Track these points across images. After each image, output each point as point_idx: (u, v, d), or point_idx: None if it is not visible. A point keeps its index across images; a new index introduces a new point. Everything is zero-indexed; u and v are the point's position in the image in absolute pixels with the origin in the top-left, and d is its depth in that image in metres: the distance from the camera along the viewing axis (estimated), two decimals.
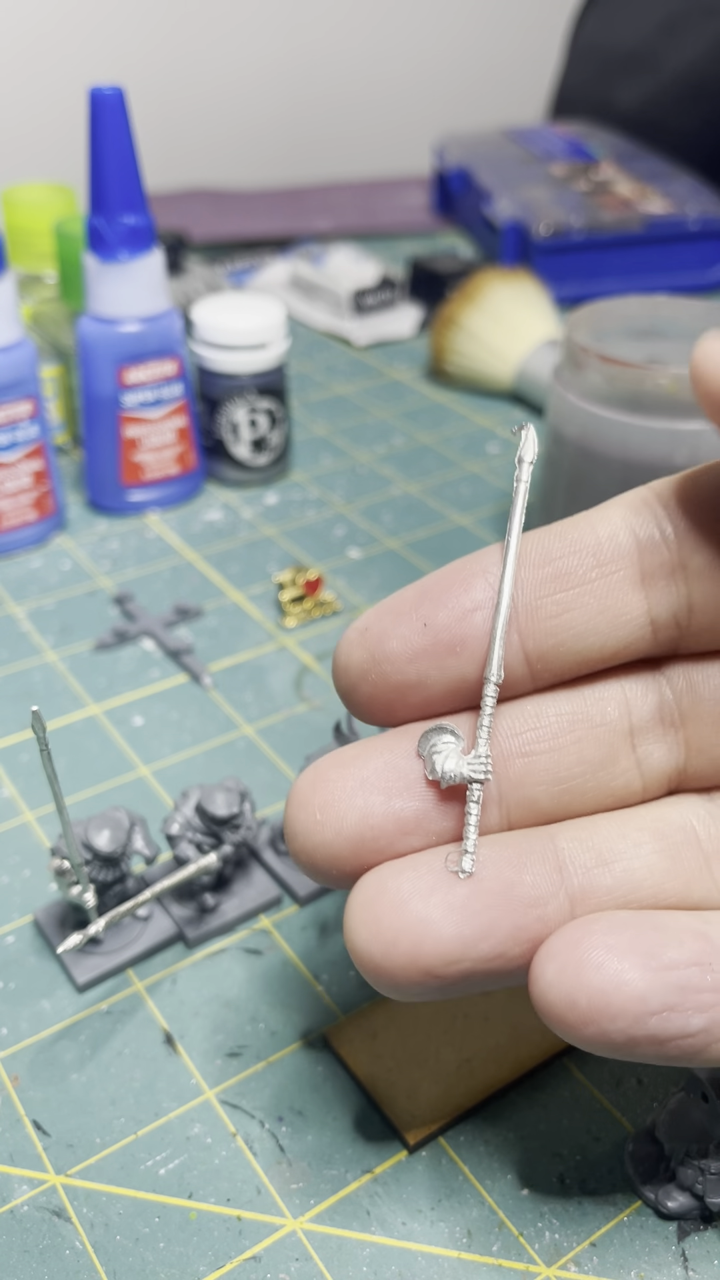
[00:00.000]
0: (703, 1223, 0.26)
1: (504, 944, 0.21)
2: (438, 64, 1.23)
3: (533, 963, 0.20)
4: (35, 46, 1.03)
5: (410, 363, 0.71)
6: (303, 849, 0.22)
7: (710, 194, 0.81)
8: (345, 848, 0.22)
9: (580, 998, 0.19)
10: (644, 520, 0.22)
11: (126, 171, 0.48)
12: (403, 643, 0.22)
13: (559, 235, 0.75)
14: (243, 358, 0.54)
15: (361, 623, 0.23)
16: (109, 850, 0.31)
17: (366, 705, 0.23)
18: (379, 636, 0.22)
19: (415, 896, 0.21)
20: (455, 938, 0.20)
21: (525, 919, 0.21)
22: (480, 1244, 0.26)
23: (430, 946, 0.20)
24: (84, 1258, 0.26)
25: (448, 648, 0.22)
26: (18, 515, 0.51)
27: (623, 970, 0.20)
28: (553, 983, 0.20)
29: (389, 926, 0.20)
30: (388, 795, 0.22)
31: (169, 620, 0.47)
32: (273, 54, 1.14)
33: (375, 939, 0.21)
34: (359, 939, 0.21)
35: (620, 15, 1.03)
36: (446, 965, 0.20)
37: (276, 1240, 0.26)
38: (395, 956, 0.20)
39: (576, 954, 0.20)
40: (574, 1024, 0.20)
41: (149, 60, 1.08)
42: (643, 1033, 0.20)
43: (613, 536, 0.22)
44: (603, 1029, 0.20)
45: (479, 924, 0.21)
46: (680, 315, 0.47)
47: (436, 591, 0.22)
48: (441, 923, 0.20)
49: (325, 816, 0.22)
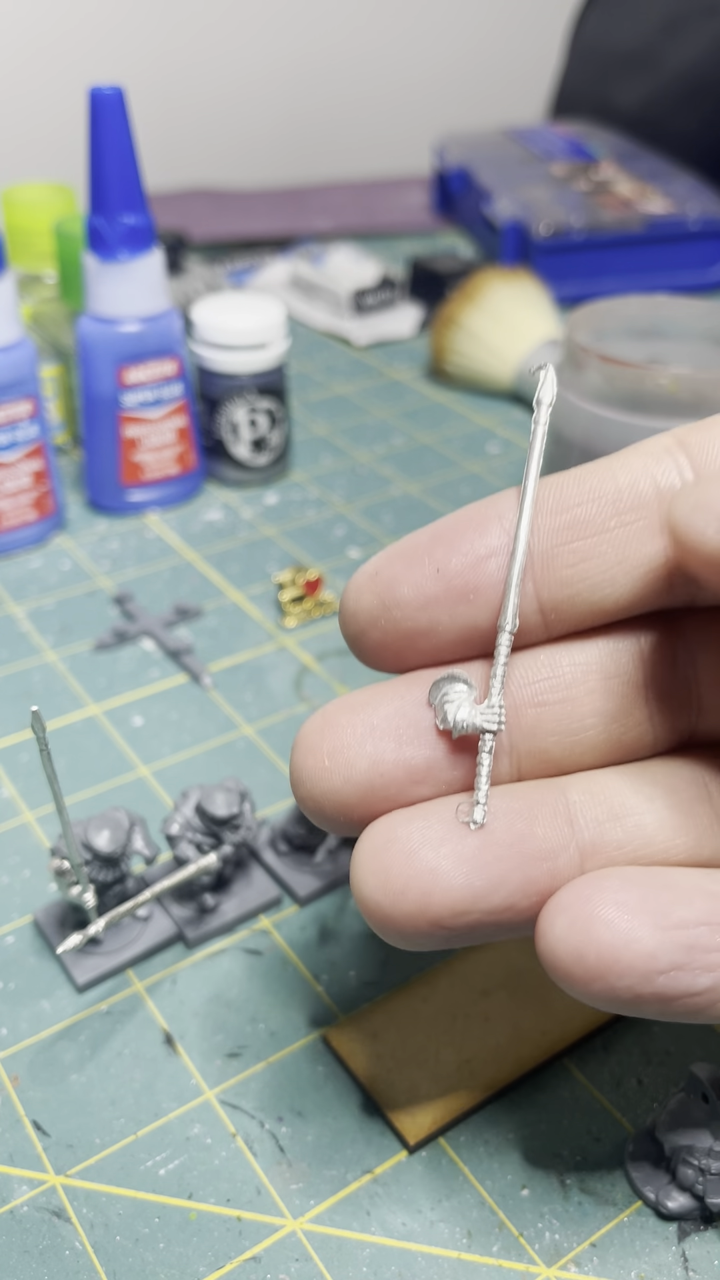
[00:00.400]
0: (703, 1223, 0.26)
1: (513, 896, 0.20)
2: (438, 64, 1.23)
3: (541, 915, 0.20)
4: (35, 46, 1.03)
5: (410, 363, 0.71)
6: (309, 795, 0.22)
7: (710, 194, 0.81)
8: (354, 795, 0.21)
9: (589, 953, 0.19)
10: (665, 468, 0.22)
11: (126, 171, 0.48)
12: (414, 589, 0.21)
13: (559, 235, 0.75)
14: (243, 358, 0.54)
15: (371, 566, 0.22)
16: (109, 850, 0.31)
17: (375, 651, 0.22)
18: (389, 581, 0.22)
19: (425, 846, 0.20)
20: (465, 889, 0.20)
21: (536, 872, 0.21)
22: (480, 1244, 0.26)
23: (439, 897, 0.20)
24: (84, 1258, 0.26)
25: (460, 594, 0.21)
26: (17, 515, 0.51)
27: (633, 928, 0.19)
28: (562, 937, 0.20)
29: (398, 876, 0.20)
30: (398, 742, 0.21)
31: (169, 620, 0.47)
32: (273, 54, 1.14)
33: (383, 888, 0.20)
34: (367, 888, 0.20)
35: (620, 15, 1.03)
36: (455, 916, 0.20)
37: (276, 1241, 0.26)
38: (403, 906, 0.20)
39: (587, 909, 0.20)
40: (580, 979, 0.19)
41: (149, 60, 1.08)
42: (649, 990, 0.19)
43: (633, 484, 0.21)
44: (610, 985, 0.19)
45: (489, 876, 0.20)
46: (681, 315, 0.47)
47: (450, 536, 0.22)
48: (451, 873, 0.20)
49: (334, 763, 0.21)
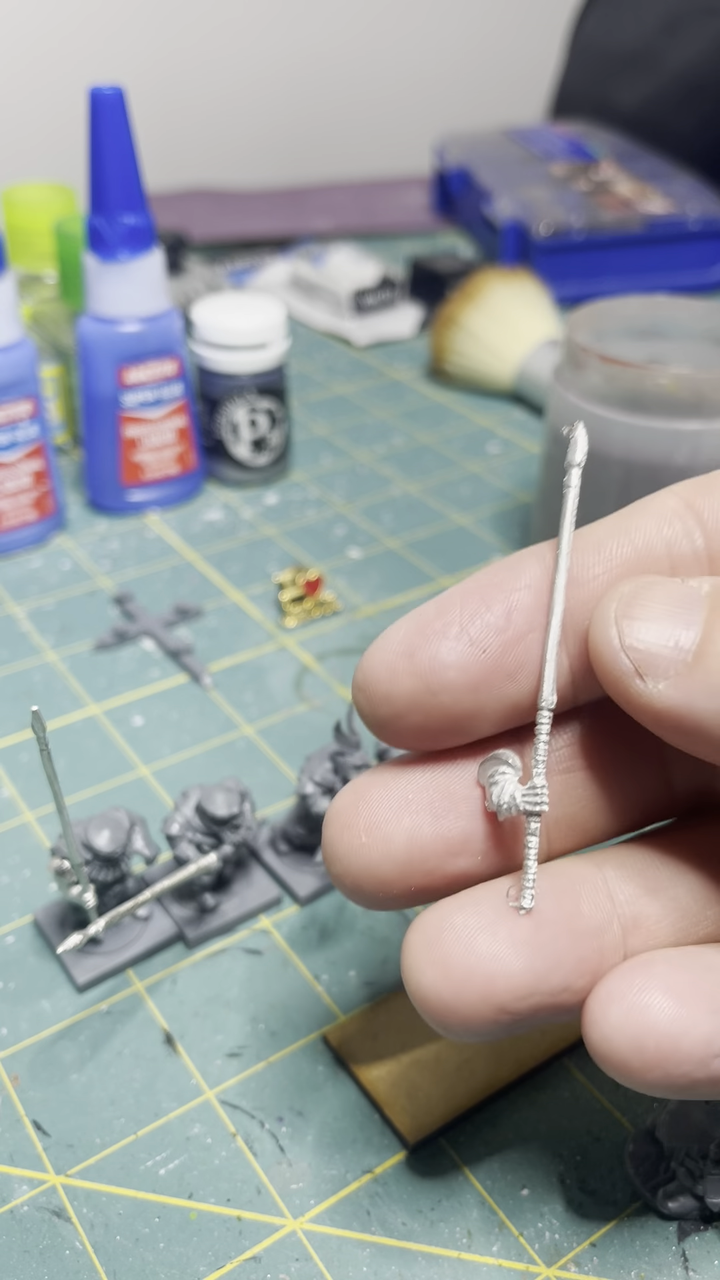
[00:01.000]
0: (703, 1223, 0.26)
1: (570, 975, 0.20)
2: (438, 64, 1.23)
3: (590, 1006, 0.20)
4: (35, 46, 1.03)
5: (410, 363, 0.71)
6: (347, 872, 0.21)
7: (710, 194, 0.81)
8: (393, 870, 0.21)
9: (648, 1043, 0.19)
10: (675, 531, 0.21)
11: (126, 171, 0.48)
12: (462, 671, 0.20)
13: (559, 235, 0.75)
14: (243, 358, 0.54)
15: (401, 644, 0.21)
16: (109, 850, 0.31)
17: (413, 736, 0.21)
18: (433, 663, 0.20)
19: (481, 932, 0.20)
20: (527, 971, 0.20)
21: (586, 949, 0.21)
22: (480, 1244, 0.26)
23: (503, 983, 0.20)
24: (84, 1258, 0.26)
25: (509, 673, 0.21)
26: (17, 515, 0.51)
27: (689, 1014, 0.19)
28: (618, 1026, 0.19)
29: (459, 965, 0.20)
30: (435, 815, 0.21)
31: (169, 620, 0.47)
32: (273, 54, 1.14)
33: (444, 978, 0.20)
34: (426, 980, 0.20)
35: (620, 15, 1.03)
36: (518, 1000, 0.20)
37: (277, 1240, 0.26)
38: (467, 995, 0.20)
39: (642, 998, 0.20)
40: (638, 1069, 0.19)
41: (149, 60, 1.08)
42: (704, 1075, 0.20)
43: (648, 549, 0.21)
44: (667, 1073, 0.19)
45: (547, 956, 0.20)
46: (680, 315, 0.47)
47: (481, 608, 0.21)
48: (512, 957, 0.20)
49: (371, 839, 0.21)
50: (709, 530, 0.21)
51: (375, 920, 0.34)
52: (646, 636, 0.20)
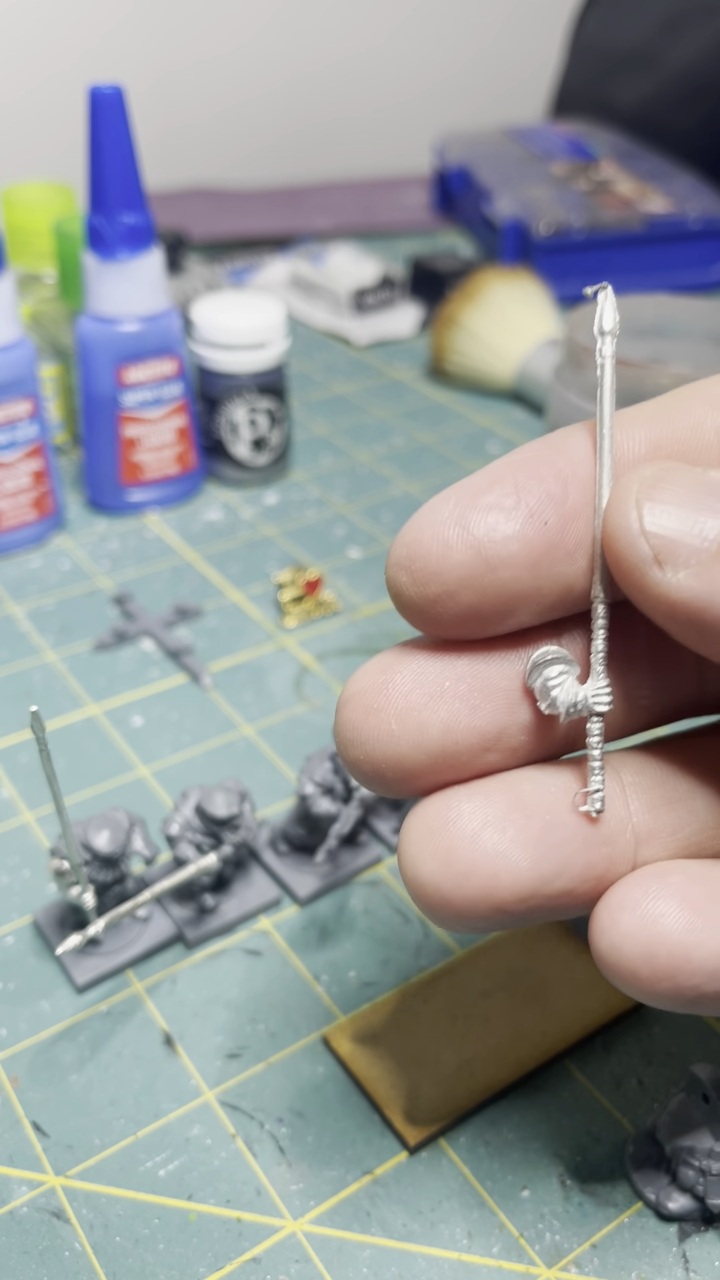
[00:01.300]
0: (703, 1224, 0.26)
1: (575, 881, 0.20)
2: (438, 63, 1.23)
3: (600, 913, 0.19)
4: (35, 46, 1.02)
5: (410, 362, 0.71)
6: (368, 758, 0.20)
7: (711, 193, 0.81)
8: (423, 762, 0.20)
9: (660, 952, 0.19)
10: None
11: (126, 170, 0.47)
12: (524, 544, 0.19)
13: (559, 234, 0.75)
14: (242, 357, 0.54)
15: (452, 514, 0.19)
16: (108, 851, 0.31)
17: (461, 620, 0.19)
18: (492, 534, 0.18)
19: (488, 827, 0.19)
20: (532, 873, 0.19)
21: (596, 855, 0.20)
22: (480, 1245, 0.26)
23: (507, 881, 0.19)
24: (83, 1259, 0.26)
25: (567, 553, 0.19)
26: (17, 515, 0.51)
27: (704, 925, 0.19)
28: (630, 934, 0.19)
29: (462, 858, 0.19)
30: (471, 706, 0.20)
31: (169, 620, 0.47)
32: (273, 53, 1.14)
33: (444, 871, 0.19)
34: (425, 869, 0.19)
35: (621, 14, 1.03)
36: (519, 902, 0.19)
37: (276, 1242, 0.26)
38: (467, 891, 0.19)
39: (656, 906, 0.19)
40: (647, 978, 0.19)
41: (149, 59, 1.08)
42: (715, 989, 0.19)
43: (697, 433, 0.20)
44: (678, 985, 0.19)
45: (555, 859, 0.19)
46: (681, 314, 0.47)
47: (537, 480, 0.19)
48: (518, 857, 0.19)
49: (403, 727, 0.19)
50: None
51: (375, 921, 0.34)
52: (668, 522, 0.18)
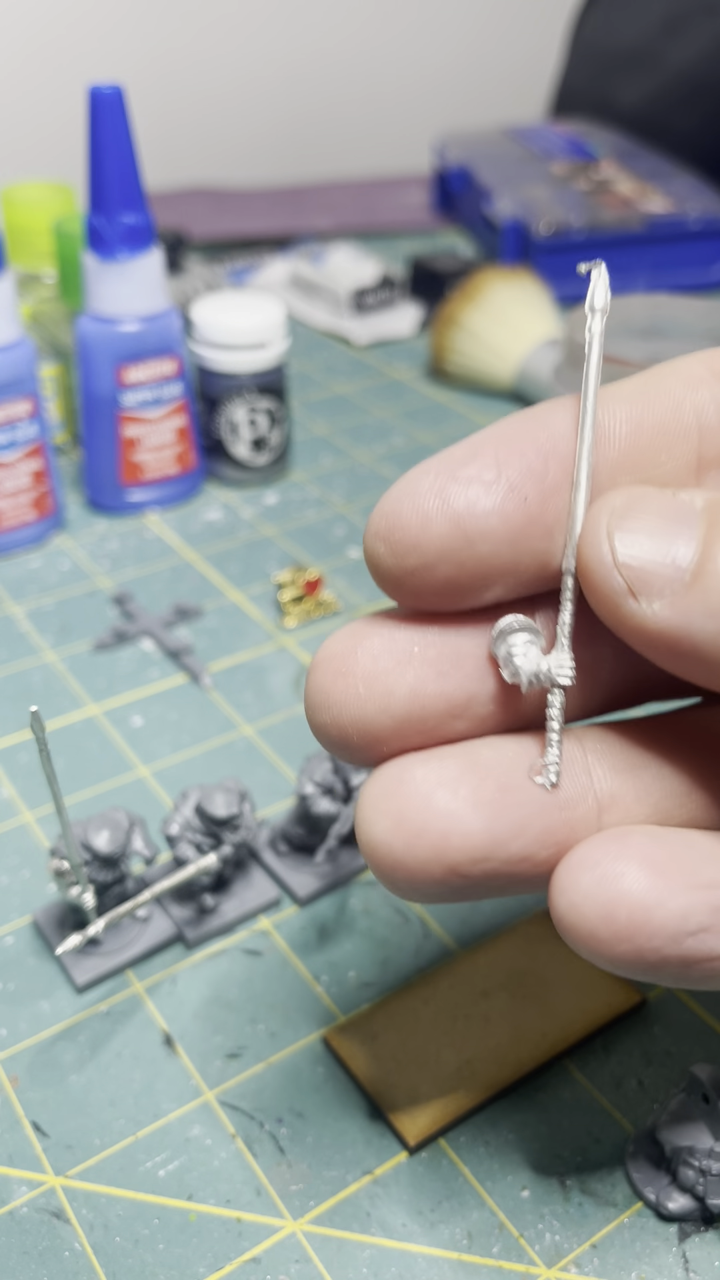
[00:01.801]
0: (704, 1224, 0.26)
1: (531, 845, 0.19)
2: (438, 63, 1.23)
3: (559, 872, 0.19)
4: (35, 46, 1.02)
5: (410, 362, 0.71)
6: (334, 722, 0.20)
7: (711, 193, 0.81)
8: (389, 727, 0.19)
9: (620, 913, 0.18)
10: (703, 398, 0.20)
11: (126, 170, 0.47)
12: (504, 519, 0.19)
13: (559, 234, 0.75)
14: (242, 357, 0.54)
15: (431, 486, 0.19)
16: (108, 851, 0.31)
17: (438, 592, 0.19)
18: (471, 508, 0.18)
19: (441, 788, 0.19)
20: (484, 833, 0.19)
21: (554, 821, 0.19)
22: (480, 1246, 0.26)
23: (458, 841, 0.19)
24: (83, 1259, 0.26)
25: (546, 529, 0.19)
26: (17, 515, 0.51)
27: (665, 886, 0.18)
28: (588, 893, 0.18)
29: (414, 818, 0.19)
30: (440, 672, 0.20)
31: (168, 620, 0.47)
32: (273, 53, 1.14)
33: (396, 830, 0.19)
34: (377, 829, 0.19)
35: (621, 13, 1.03)
36: (473, 864, 0.19)
37: (276, 1242, 0.26)
38: (418, 851, 0.19)
39: (616, 866, 0.18)
40: (607, 940, 0.18)
41: (149, 60, 1.08)
42: (675, 953, 0.18)
43: (677, 413, 0.20)
44: (637, 946, 0.18)
45: (509, 821, 0.19)
46: (681, 314, 0.47)
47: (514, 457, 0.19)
48: (470, 817, 0.19)
49: (370, 690, 0.19)
50: None
51: (375, 921, 0.34)
52: (641, 552, 0.18)
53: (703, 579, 0.18)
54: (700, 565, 0.18)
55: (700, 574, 0.18)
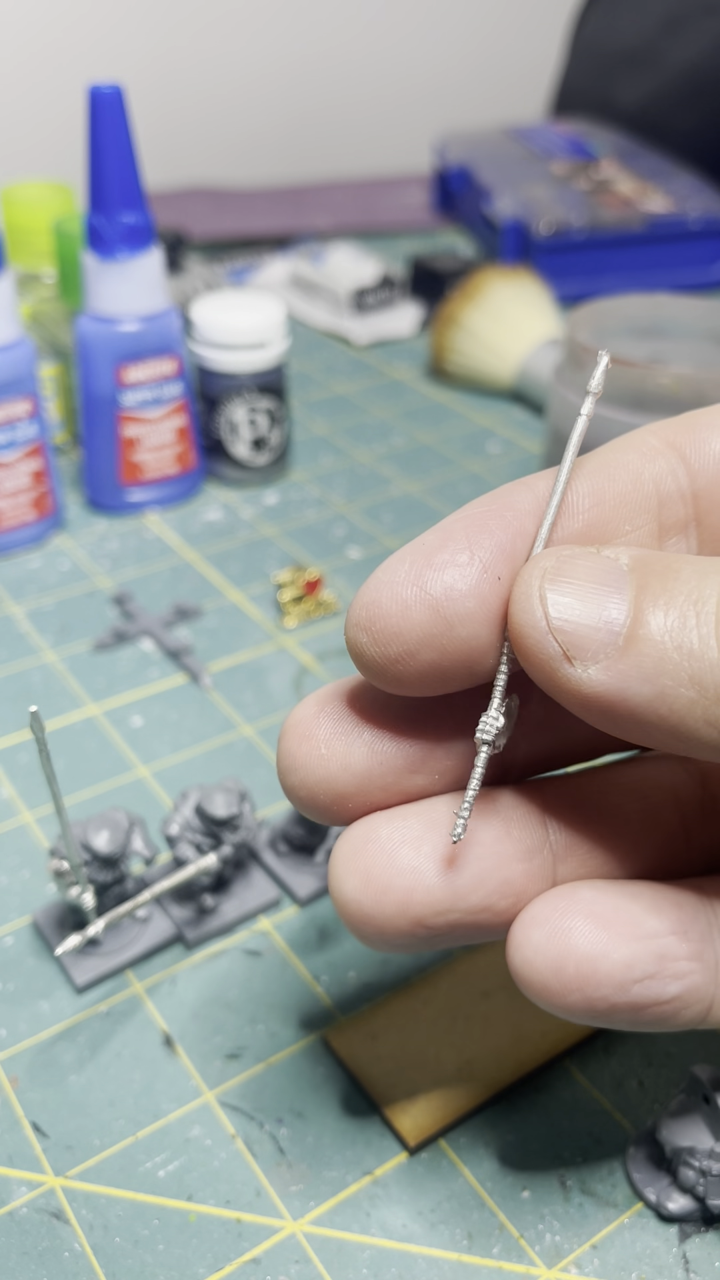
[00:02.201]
0: (704, 1225, 0.26)
1: (491, 896, 0.21)
2: (438, 62, 1.23)
3: (514, 930, 0.20)
4: (35, 46, 1.02)
5: (410, 362, 0.71)
6: (303, 784, 0.21)
7: (711, 192, 0.81)
8: (351, 784, 0.21)
9: (568, 965, 0.20)
10: (660, 469, 0.21)
11: (126, 170, 0.47)
12: (480, 601, 0.19)
13: (560, 234, 0.75)
14: (242, 357, 0.54)
15: (408, 575, 0.19)
16: (108, 851, 0.31)
17: (422, 678, 0.20)
18: (449, 593, 0.19)
19: (405, 845, 0.20)
20: (446, 887, 0.20)
21: (512, 873, 0.21)
22: (481, 1246, 0.26)
23: (421, 895, 0.20)
24: (83, 1260, 0.26)
25: None
26: (16, 515, 0.51)
27: (609, 938, 0.20)
28: (539, 949, 0.20)
29: (380, 874, 0.20)
30: (397, 730, 0.21)
31: (168, 620, 0.47)
32: (273, 52, 1.14)
33: (364, 887, 0.20)
34: (347, 887, 0.20)
35: (621, 13, 1.03)
36: (436, 915, 0.20)
37: (276, 1242, 0.26)
38: (385, 905, 0.20)
39: (564, 921, 0.20)
40: (558, 991, 0.20)
41: (149, 59, 1.08)
42: (624, 1000, 0.20)
43: (636, 486, 0.21)
44: (586, 996, 0.20)
45: (469, 875, 0.20)
46: (681, 314, 0.47)
47: (488, 535, 0.19)
48: (432, 872, 0.20)
49: (330, 750, 0.21)
50: (693, 469, 0.21)
51: None
52: (573, 615, 0.18)
53: (636, 642, 0.18)
54: (633, 629, 0.18)
55: (633, 637, 0.18)
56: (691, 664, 0.18)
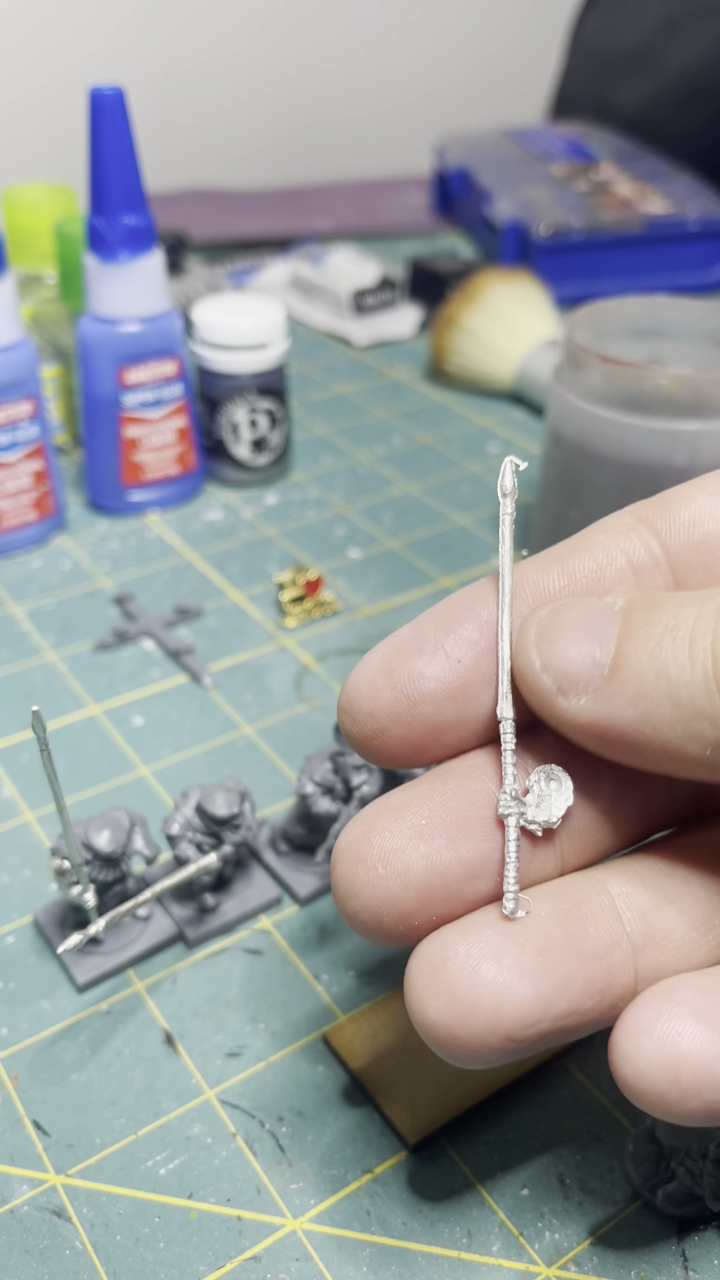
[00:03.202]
0: (703, 1223, 0.26)
1: (578, 999, 0.20)
2: (438, 64, 1.23)
3: (619, 1041, 0.20)
4: (35, 46, 1.03)
5: (410, 363, 0.71)
6: (365, 907, 0.21)
7: (710, 194, 0.81)
8: (414, 900, 0.21)
9: (684, 1072, 0.19)
10: (633, 543, 0.22)
11: (126, 171, 0.48)
12: (439, 682, 0.21)
13: (559, 235, 0.75)
14: (243, 358, 0.54)
15: (380, 663, 0.22)
16: (109, 850, 0.31)
17: (397, 750, 0.22)
18: (411, 677, 0.21)
19: (485, 960, 0.20)
20: (534, 998, 0.20)
21: (594, 971, 0.20)
22: (480, 1244, 0.26)
23: (510, 1011, 0.20)
24: (84, 1258, 0.26)
25: (483, 680, 0.22)
26: (18, 515, 0.51)
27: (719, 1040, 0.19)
28: (651, 1058, 0.19)
29: (464, 995, 0.20)
30: (450, 839, 0.21)
31: (169, 620, 0.47)
32: (273, 54, 1.14)
33: (450, 1009, 0.20)
34: (431, 1010, 0.20)
35: (620, 15, 1.03)
36: (526, 1028, 0.20)
37: (277, 1240, 0.26)
38: (474, 1025, 0.20)
39: (671, 1025, 0.19)
40: (675, 1100, 0.19)
41: (149, 60, 1.08)
42: None
43: (609, 562, 0.22)
44: (706, 1101, 0.19)
45: (553, 981, 0.20)
46: (680, 315, 0.47)
47: (456, 624, 0.22)
48: (518, 986, 0.20)
49: (389, 869, 0.21)
50: (664, 539, 0.22)
51: None
52: (565, 655, 0.20)
53: (619, 671, 0.20)
54: (616, 661, 0.20)
55: (616, 667, 0.20)
56: (669, 685, 0.19)
